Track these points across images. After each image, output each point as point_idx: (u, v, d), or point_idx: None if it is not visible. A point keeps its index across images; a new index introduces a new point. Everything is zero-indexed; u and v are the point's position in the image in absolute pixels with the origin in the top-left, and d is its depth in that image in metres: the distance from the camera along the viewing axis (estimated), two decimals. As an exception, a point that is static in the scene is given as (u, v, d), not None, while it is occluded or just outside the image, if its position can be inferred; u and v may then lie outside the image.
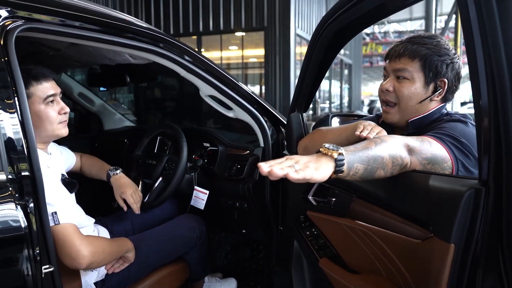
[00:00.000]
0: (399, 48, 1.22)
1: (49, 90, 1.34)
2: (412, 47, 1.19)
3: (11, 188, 0.99)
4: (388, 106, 1.27)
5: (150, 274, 1.64)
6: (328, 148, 0.86)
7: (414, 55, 1.19)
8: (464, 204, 0.81)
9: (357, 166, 0.90)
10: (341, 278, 1.20)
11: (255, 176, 1.84)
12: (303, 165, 0.82)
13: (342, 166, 0.86)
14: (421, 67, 1.19)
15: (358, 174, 0.91)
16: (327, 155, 0.85)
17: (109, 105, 3.00)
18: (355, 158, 0.89)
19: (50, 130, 1.36)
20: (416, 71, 1.20)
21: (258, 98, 1.81)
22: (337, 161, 0.85)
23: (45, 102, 1.33)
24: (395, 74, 1.24)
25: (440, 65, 1.18)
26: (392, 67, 1.24)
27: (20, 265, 1.00)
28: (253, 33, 8.50)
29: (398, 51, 1.22)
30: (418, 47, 1.19)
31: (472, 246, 0.81)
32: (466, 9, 0.76)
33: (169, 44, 1.55)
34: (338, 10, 1.18)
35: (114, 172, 1.75)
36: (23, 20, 1.15)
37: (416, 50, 1.19)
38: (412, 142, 1.01)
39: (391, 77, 1.25)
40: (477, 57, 0.76)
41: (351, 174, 0.90)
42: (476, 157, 1.08)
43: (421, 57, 1.19)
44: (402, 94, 1.22)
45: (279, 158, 0.84)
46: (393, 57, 1.23)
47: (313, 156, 0.86)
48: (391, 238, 1.04)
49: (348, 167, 0.88)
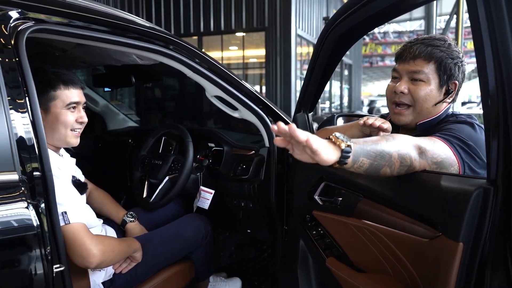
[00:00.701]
0: (413, 50, 1.21)
1: (74, 97, 1.37)
2: (427, 49, 1.19)
3: (23, 188, 1.00)
4: (399, 108, 1.27)
5: (157, 274, 1.65)
6: (338, 137, 0.86)
7: (430, 57, 1.19)
8: (473, 203, 0.81)
9: (362, 160, 0.90)
10: (349, 277, 1.21)
11: (261, 176, 1.85)
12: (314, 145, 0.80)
13: (347, 158, 0.86)
14: (436, 69, 1.20)
15: (363, 167, 0.91)
16: (335, 144, 0.86)
17: (113, 105, 3.02)
18: (362, 151, 0.89)
19: (63, 135, 1.37)
20: (432, 73, 1.20)
21: (263, 98, 1.82)
22: (343, 152, 0.85)
23: (67, 107, 1.36)
24: (409, 76, 1.23)
25: (453, 67, 1.20)
26: (406, 69, 1.23)
27: (33, 264, 1.01)
28: (254, 33, 8.51)
29: (413, 53, 1.21)
30: (433, 49, 1.19)
31: (481, 245, 0.82)
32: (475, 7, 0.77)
33: (175, 44, 1.55)
34: (346, 11, 1.19)
35: (130, 219, 1.73)
36: (34, 21, 1.16)
37: (431, 52, 1.19)
38: (424, 143, 1.02)
39: (404, 78, 1.24)
40: (486, 56, 0.76)
41: (355, 167, 0.90)
42: (482, 159, 1.09)
43: (436, 59, 1.19)
44: (418, 96, 1.22)
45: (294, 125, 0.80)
46: (407, 59, 1.23)
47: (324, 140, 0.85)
48: (398, 237, 1.05)
49: (353, 159, 0.88)
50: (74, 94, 1.38)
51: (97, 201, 1.73)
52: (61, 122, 1.36)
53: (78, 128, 1.41)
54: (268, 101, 1.84)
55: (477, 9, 0.76)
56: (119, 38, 1.35)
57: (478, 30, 0.77)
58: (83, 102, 1.42)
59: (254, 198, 1.85)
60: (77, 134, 1.41)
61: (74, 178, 1.44)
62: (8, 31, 1.09)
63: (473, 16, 0.78)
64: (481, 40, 0.77)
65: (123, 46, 1.39)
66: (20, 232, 0.98)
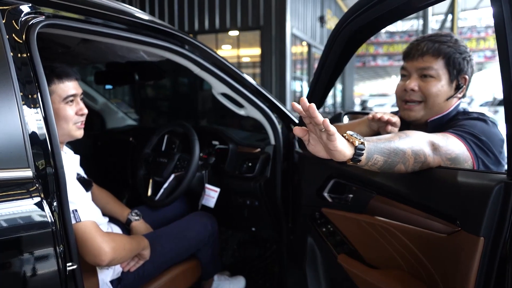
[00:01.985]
0: (421, 47, 1.22)
1: (70, 90, 1.34)
2: (434, 45, 1.20)
3: (37, 185, 0.99)
4: (410, 104, 1.27)
5: (164, 273, 1.64)
6: (351, 135, 0.88)
7: (438, 53, 1.20)
8: (494, 198, 0.82)
9: (376, 157, 0.91)
10: (362, 273, 1.21)
11: (267, 174, 1.85)
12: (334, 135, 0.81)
13: (360, 156, 0.87)
14: (445, 64, 1.20)
15: (377, 165, 0.92)
16: (349, 141, 0.87)
17: (112, 103, 2.99)
18: (376, 149, 0.90)
19: (66, 130, 1.35)
20: (441, 68, 1.21)
21: (270, 96, 1.82)
22: (357, 149, 0.86)
23: (64, 101, 1.33)
24: (419, 73, 1.24)
25: (462, 62, 1.20)
26: (415, 66, 1.24)
27: (47, 261, 0.99)
28: (249, 32, 8.50)
29: (421, 50, 1.22)
30: (441, 45, 1.20)
31: (502, 239, 0.82)
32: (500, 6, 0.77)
33: (185, 41, 1.54)
34: (359, 9, 1.19)
35: (135, 218, 1.72)
36: (44, 16, 1.14)
37: (439, 48, 1.20)
38: (438, 139, 1.02)
39: (414, 76, 1.25)
40: (509, 47, 0.77)
41: (369, 164, 0.91)
42: (495, 154, 1.10)
43: (444, 54, 1.20)
44: (429, 92, 1.22)
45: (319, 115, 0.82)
46: (416, 56, 1.23)
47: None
48: (414, 233, 1.05)
49: (367, 157, 0.89)
50: (70, 86, 1.34)
51: (100, 200, 1.71)
52: (62, 118, 1.33)
53: (80, 121, 1.38)
54: (274, 99, 1.83)
55: (502, 8, 0.77)
56: (132, 35, 1.34)
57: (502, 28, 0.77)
58: (80, 93, 1.39)
59: (260, 196, 1.85)
60: (80, 126, 1.39)
61: (79, 175, 1.42)
62: (19, 26, 1.07)
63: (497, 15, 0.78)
64: (504, 37, 0.77)
65: (136, 43, 1.37)
66: (36, 229, 0.96)
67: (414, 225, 1.06)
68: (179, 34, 1.52)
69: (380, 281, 1.13)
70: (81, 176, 1.46)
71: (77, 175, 1.44)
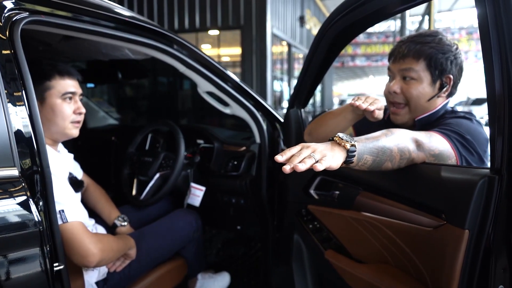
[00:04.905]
0: (402, 49, 1.23)
1: (70, 87, 1.34)
2: (416, 47, 1.21)
3: (23, 184, 0.97)
4: (395, 108, 1.28)
5: (150, 272, 1.62)
6: (342, 138, 0.89)
7: (419, 55, 1.21)
8: (478, 191, 0.85)
9: (366, 157, 0.93)
10: (349, 268, 1.23)
11: (252, 172, 1.86)
12: (320, 154, 0.84)
13: (353, 157, 0.89)
14: (427, 66, 1.21)
15: (366, 165, 0.94)
16: (340, 145, 0.88)
17: (93, 102, 2.94)
18: (365, 149, 0.92)
19: (61, 127, 1.34)
20: (422, 70, 1.21)
21: (255, 94, 1.83)
22: (349, 152, 0.88)
23: (62, 97, 1.32)
24: (401, 74, 1.25)
25: (445, 62, 1.21)
26: (397, 68, 1.25)
27: (34, 261, 0.98)
28: (229, 31, 8.48)
29: (402, 52, 1.23)
30: (422, 47, 1.21)
31: (486, 232, 0.85)
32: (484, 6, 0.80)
33: (170, 39, 1.54)
34: (345, 9, 1.21)
35: (122, 223, 1.69)
36: (28, 12, 1.12)
37: (421, 50, 1.21)
38: (421, 137, 1.05)
39: (397, 78, 1.26)
40: (492, 47, 0.79)
41: (360, 164, 0.93)
42: (478, 153, 1.13)
43: (425, 56, 1.20)
44: (411, 94, 1.24)
45: (294, 147, 0.86)
46: (397, 58, 1.24)
47: (327, 144, 0.89)
48: (400, 228, 1.08)
49: (358, 158, 0.91)
50: (70, 84, 1.35)
51: (93, 197, 1.69)
52: (58, 114, 1.32)
53: (78, 120, 1.38)
54: (259, 98, 1.84)
55: (485, 8, 0.80)
56: (119, 33, 1.32)
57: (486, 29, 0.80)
58: (80, 93, 1.39)
59: (245, 194, 1.86)
60: (76, 125, 1.38)
61: (71, 175, 1.39)
62: (2, 22, 1.04)
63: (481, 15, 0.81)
64: (488, 38, 0.80)
65: (122, 41, 1.36)
66: (22, 229, 0.94)
67: (400, 220, 1.09)
68: (166, 32, 1.51)
69: (368, 276, 1.16)
70: (73, 176, 1.44)
71: (70, 174, 1.41)
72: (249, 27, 8.05)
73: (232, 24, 8.19)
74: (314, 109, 14.99)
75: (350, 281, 1.23)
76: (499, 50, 0.79)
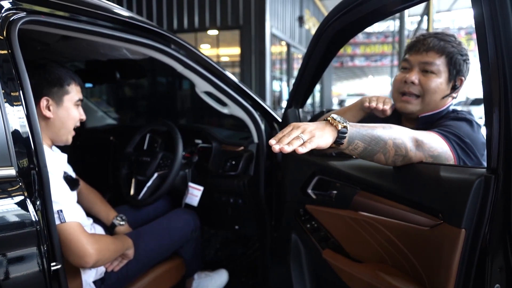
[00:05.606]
0: (427, 42, 1.25)
1: (80, 94, 1.42)
2: (440, 43, 1.23)
3: (21, 183, 0.97)
4: (408, 96, 1.29)
5: (148, 272, 1.63)
6: (335, 119, 0.91)
7: (442, 51, 1.23)
8: (475, 191, 0.85)
9: (357, 142, 0.94)
10: (346, 267, 1.23)
11: (250, 172, 1.86)
12: (309, 134, 0.87)
13: (343, 139, 0.91)
14: (447, 63, 1.24)
15: (357, 150, 0.96)
16: (332, 125, 0.91)
17: (91, 102, 2.94)
18: (358, 134, 0.94)
19: (68, 130, 1.39)
20: (443, 66, 1.24)
21: (252, 94, 1.83)
22: (340, 133, 0.90)
23: (76, 103, 1.40)
24: (421, 67, 1.26)
25: (462, 64, 1.24)
26: (418, 60, 1.26)
27: (31, 261, 0.98)
28: (228, 31, 8.49)
29: (427, 45, 1.25)
30: (446, 44, 1.23)
31: (482, 231, 0.85)
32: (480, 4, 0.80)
33: (168, 39, 1.54)
34: (342, 9, 1.21)
35: (120, 223, 1.70)
36: (25, 12, 1.12)
37: (444, 47, 1.23)
38: (421, 137, 1.05)
39: (415, 69, 1.27)
40: (489, 47, 0.80)
41: (350, 148, 0.94)
42: (477, 157, 1.14)
43: (447, 53, 1.23)
44: (428, 87, 1.25)
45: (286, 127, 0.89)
46: (421, 50, 1.26)
47: (319, 123, 0.91)
48: (398, 227, 1.08)
49: (349, 141, 0.92)
50: (80, 91, 1.42)
51: (87, 200, 1.68)
52: (71, 118, 1.38)
53: (78, 126, 1.43)
54: (257, 97, 1.85)
55: (481, 7, 0.80)
56: (117, 33, 1.32)
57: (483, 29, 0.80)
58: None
59: (243, 194, 1.86)
60: (73, 133, 1.44)
61: (66, 174, 1.40)
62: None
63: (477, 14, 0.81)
64: (484, 38, 0.81)
65: (120, 41, 1.36)
66: (20, 228, 0.94)
67: (397, 219, 1.09)
68: (163, 32, 1.51)
69: (365, 275, 1.16)
70: (68, 175, 1.44)
71: (64, 173, 1.41)
72: (248, 27, 8.05)
73: (231, 24, 8.19)
74: (314, 109, 15.00)
75: (348, 280, 1.24)
76: (495, 50, 0.79)
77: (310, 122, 0.91)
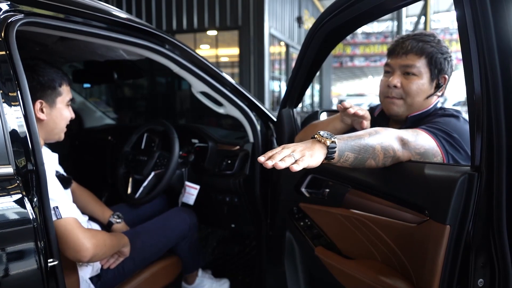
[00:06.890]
0: (406, 45, 1.27)
1: (70, 94, 1.44)
2: (418, 44, 1.25)
3: (18, 181, 0.99)
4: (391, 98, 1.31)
5: (144, 270, 1.65)
6: (322, 135, 0.93)
7: (422, 52, 1.25)
8: (459, 188, 0.88)
9: (347, 154, 0.96)
10: (338, 264, 1.26)
11: (246, 171, 1.89)
12: (300, 154, 0.88)
13: (333, 154, 0.93)
14: (428, 63, 1.26)
15: (348, 161, 0.98)
16: (321, 142, 0.92)
17: (90, 102, 2.97)
18: (346, 146, 0.96)
19: (61, 130, 1.42)
20: (423, 67, 1.26)
21: (248, 94, 1.85)
22: (329, 148, 0.92)
23: (67, 103, 1.42)
24: (402, 70, 1.28)
25: (443, 62, 1.26)
26: (399, 63, 1.28)
27: (29, 257, 1.00)
28: (227, 32, 8.50)
29: (405, 48, 1.27)
30: (424, 45, 1.25)
31: (466, 227, 0.88)
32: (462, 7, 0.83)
33: (163, 40, 1.56)
34: (336, 9, 1.24)
35: (117, 220, 1.74)
36: (23, 14, 1.14)
37: (423, 47, 1.25)
38: (406, 135, 1.07)
39: (397, 73, 1.29)
40: (471, 48, 0.82)
41: (341, 161, 0.96)
42: (466, 151, 1.16)
43: (427, 54, 1.25)
44: (410, 89, 1.27)
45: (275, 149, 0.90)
46: (400, 53, 1.28)
47: (308, 143, 0.93)
48: (386, 224, 1.11)
49: (339, 154, 0.94)
50: (69, 90, 1.44)
51: (81, 200, 1.70)
52: (64, 118, 1.41)
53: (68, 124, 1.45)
54: (253, 97, 1.87)
55: (464, 9, 0.82)
56: (113, 34, 1.35)
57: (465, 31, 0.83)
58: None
59: (239, 192, 1.88)
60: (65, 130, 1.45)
61: (58, 173, 1.42)
62: (-3, 24, 1.07)
63: (460, 16, 0.84)
64: (467, 39, 0.83)
65: (116, 41, 1.39)
66: (17, 225, 0.97)
67: (386, 217, 1.11)
68: (159, 33, 1.54)
69: (355, 271, 1.18)
70: (60, 173, 1.47)
71: (56, 172, 1.44)
72: (247, 28, 8.07)
73: (230, 24, 8.21)
74: (313, 109, 15.01)
75: (339, 276, 1.26)
76: (477, 51, 0.82)
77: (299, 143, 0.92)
